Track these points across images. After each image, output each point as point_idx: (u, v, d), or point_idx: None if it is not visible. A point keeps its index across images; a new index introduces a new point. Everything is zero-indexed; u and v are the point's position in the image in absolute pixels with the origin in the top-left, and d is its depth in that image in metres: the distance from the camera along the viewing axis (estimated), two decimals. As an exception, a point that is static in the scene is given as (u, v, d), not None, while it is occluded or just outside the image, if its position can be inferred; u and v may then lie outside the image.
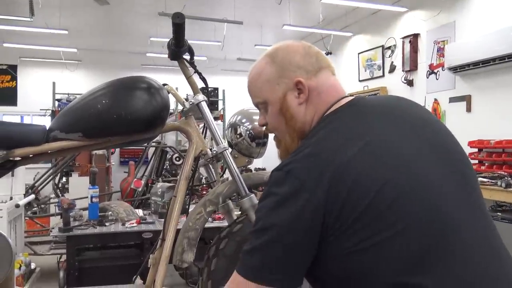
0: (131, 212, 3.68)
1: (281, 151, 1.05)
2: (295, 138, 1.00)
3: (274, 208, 0.85)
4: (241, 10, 6.91)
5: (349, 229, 0.81)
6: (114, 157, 9.03)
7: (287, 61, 1.00)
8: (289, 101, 0.99)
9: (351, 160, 0.83)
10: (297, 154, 0.88)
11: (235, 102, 9.39)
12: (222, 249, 1.50)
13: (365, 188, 0.81)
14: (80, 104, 1.43)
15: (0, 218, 3.04)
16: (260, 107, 1.06)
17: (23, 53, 8.88)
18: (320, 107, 0.98)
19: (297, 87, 0.98)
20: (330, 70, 1.03)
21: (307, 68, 0.99)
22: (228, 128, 1.68)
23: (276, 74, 1.00)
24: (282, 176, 0.86)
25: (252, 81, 1.06)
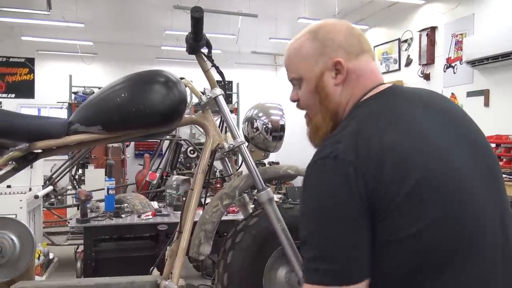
0: (147, 205, 3.72)
1: (310, 129, 1.04)
2: (327, 118, 0.99)
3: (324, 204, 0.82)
4: (256, 3, 6.88)
5: (391, 215, 0.79)
6: (129, 149, 9.14)
7: (329, 39, 0.97)
8: (325, 80, 0.97)
9: (394, 143, 0.82)
10: (338, 138, 0.86)
11: (249, 95, 9.43)
12: (238, 242, 1.51)
13: (407, 175, 0.79)
14: (99, 97, 1.45)
15: (20, 209, 3.10)
16: (294, 82, 1.04)
17: (40, 46, 9.00)
18: (357, 91, 0.96)
19: (336, 67, 0.96)
20: (371, 55, 1.01)
21: (349, 49, 0.96)
22: (245, 122, 1.69)
23: (316, 51, 0.97)
24: (330, 164, 0.82)
25: (290, 56, 1.03)
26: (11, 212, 3.06)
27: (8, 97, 9.53)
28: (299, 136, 5.11)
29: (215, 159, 1.62)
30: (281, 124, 1.63)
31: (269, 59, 11.16)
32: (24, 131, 1.35)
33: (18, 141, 1.33)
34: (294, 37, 1.05)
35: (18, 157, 1.35)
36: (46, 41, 8.46)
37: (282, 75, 11.47)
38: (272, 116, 1.65)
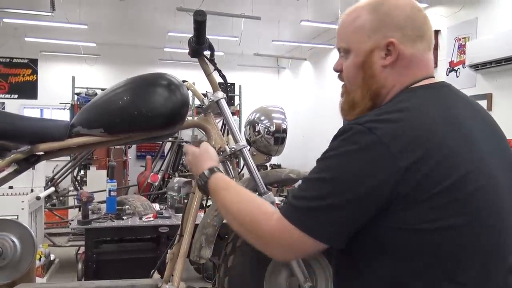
0: (148, 207, 3.72)
1: (345, 103, 0.98)
2: (366, 97, 0.93)
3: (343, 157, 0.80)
4: (259, 6, 6.88)
5: (422, 205, 0.78)
6: (131, 151, 9.15)
7: (390, 16, 0.90)
8: (374, 58, 0.91)
9: (444, 136, 0.81)
10: (382, 116, 0.83)
11: (252, 97, 9.43)
12: (239, 246, 1.50)
13: (453, 168, 0.79)
14: (102, 100, 1.45)
15: (22, 210, 3.11)
16: (341, 51, 0.98)
17: (44, 47, 9.01)
18: (404, 79, 0.91)
19: (387, 47, 0.90)
20: (429, 44, 0.94)
21: (407, 31, 0.90)
22: (247, 126, 1.68)
23: (372, 25, 0.91)
24: (363, 130, 0.80)
25: (344, 24, 0.97)
26: (13, 213, 3.08)
27: (11, 98, 9.55)
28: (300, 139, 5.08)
29: (216, 162, 1.61)
30: (283, 127, 1.63)
31: (272, 61, 11.17)
32: (26, 133, 1.35)
33: (20, 143, 1.34)
34: (352, 6, 0.98)
35: (20, 159, 1.35)
36: (50, 42, 8.48)
37: (285, 77, 11.50)
38: (274, 120, 1.64)
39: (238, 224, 0.94)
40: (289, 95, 10.86)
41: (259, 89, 10.74)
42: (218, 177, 1.07)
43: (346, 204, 0.79)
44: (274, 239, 0.85)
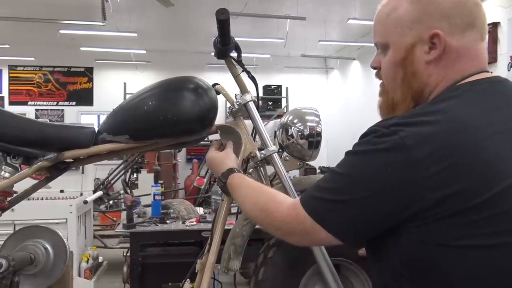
0: (192, 211, 3.72)
1: (384, 103, 0.90)
2: (408, 98, 0.84)
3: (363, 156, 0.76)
4: (304, 6, 6.77)
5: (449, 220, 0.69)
6: (181, 154, 9.32)
7: (434, 4, 0.80)
8: (416, 54, 0.81)
9: (485, 142, 0.71)
10: (412, 118, 0.75)
11: (299, 99, 9.31)
12: (271, 257, 1.42)
13: (490, 182, 0.69)
14: (127, 106, 1.42)
15: (70, 213, 3.21)
16: (378, 46, 0.89)
17: (98, 56, 9.43)
18: (452, 75, 0.80)
19: (432, 40, 0.79)
20: (481, 33, 0.82)
21: (455, 21, 0.79)
22: (279, 129, 1.60)
23: (413, 15, 0.81)
24: (387, 133, 0.74)
25: (381, 16, 0.87)
26: (62, 217, 3.18)
27: (70, 105, 10.07)
28: (350, 141, 4.87)
29: (248, 168, 1.54)
30: (317, 131, 1.53)
31: (320, 62, 10.98)
32: (53, 140, 1.35)
33: (47, 151, 1.33)
34: None
35: (47, 167, 1.34)
36: (103, 51, 8.85)
37: (333, 78, 11.26)
38: (308, 123, 1.54)
39: (254, 217, 0.97)
40: (338, 96, 10.62)
41: (307, 90, 10.59)
42: (236, 176, 1.11)
43: (357, 203, 0.75)
44: (288, 225, 0.85)
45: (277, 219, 0.88)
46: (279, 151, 1.51)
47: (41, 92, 9.96)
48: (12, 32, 8.16)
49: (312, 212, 0.80)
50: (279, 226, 0.88)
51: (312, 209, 0.80)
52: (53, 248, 1.53)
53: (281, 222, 0.87)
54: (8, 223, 2.88)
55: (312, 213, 0.80)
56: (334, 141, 9.89)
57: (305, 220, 0.80)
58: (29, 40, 8.79)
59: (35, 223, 2.11)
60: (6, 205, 1.36)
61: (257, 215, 0.95)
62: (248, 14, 6.48)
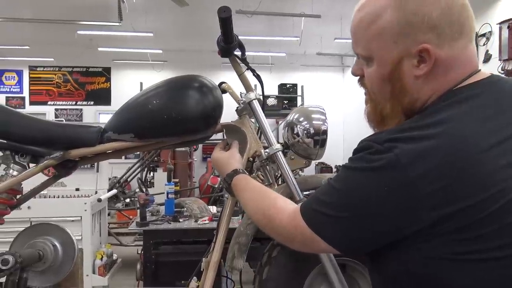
0: (204, 209, 3.74)
1: (371, 113, 0.85)
2: (398, 111, 0.79)
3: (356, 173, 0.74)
4: (319, 3, 6.71)
5: (451, 236, 0.67)
6: (197, 153, 9.37)
7: (420, 14, 0.72)
8: (404, 69, 0.75)
9: (485, 153, 0.67)
10: (406, 132, 0.71)
11: (315, 98, 9.25)
12: (275, 257, 1.41)
13: (493, 195, 0.65)
14: (132, 105, 1.43)
15: (85, 211, 3.25)
16: (360, 57, 0.83)
17: (115, 56, 9.55)
18: (444, 85, 0.75)
19: (420, 54, 0.73)
20: (470, 36, 0.76)
21: (443, 30, 0.72)
22: (285, 128, 1.58)
23: (398, 27, 0.74)
24: (381, 150, 0.70)
25: (361, 24, 0.79)
26: (77, 215, 3.23)
27: (88, 105, 10.24)
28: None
29: (253, 167, 1.54)
30: (323, 129, 1.51)
31: (336, 60, 10.88)
32: (59, 139, 1.37)
33: (53, 149, 1.35)
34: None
35: (54, 165, 1.36)
36: (120, 51, 8.96)
37: (350, 76, 11.13)
38: (313, 121, 1.53)
39: (256, 221, 0.97)
40: (354, 94, 10.51)
41: (323, 89, 10.51)
42: (241, 177, 1.11)
43: (351, 220, 0.74)
44: (288, 233, 0.85)
45: (278, 226, 0.88)
46: (284, 150, 1.50)
47: (60, 92, 10.16)
48: (32, 33, 8.33)
49: (310, 223, 0.79)
50: (281, 233, 0.88)
51: (310, 220, 0.80)
52: (62, 246, 1.55)
53: (281, 230, 0.87)
54: (25, 220, 2.93)
55: (310, 224, 0.79)
56: (351, 140, 9.79)
57: (305, 230, 0.80)
58: (49, 41, 8.96)
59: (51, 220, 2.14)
60: (15, 202, 1.38)
61: (259, 220, 0.95)
62: (263, 13, 6.46)
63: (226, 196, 3.95)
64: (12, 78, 10.12)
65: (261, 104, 1.46)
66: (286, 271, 1.41)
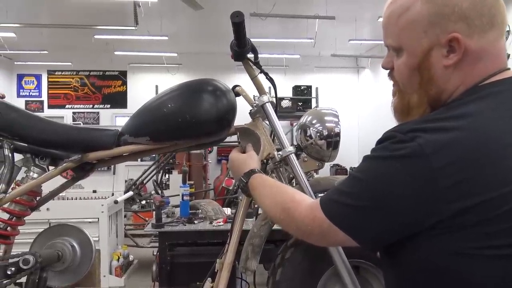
0: (219, 211, 3.76)
1: (399, 105, 0.87)
2: (424, 103, 0.80)
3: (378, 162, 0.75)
4: (333, 5, 6.71)
5: (469, 230, 0.67)
6: (212, 155, 9.43)
7: (450, 5, 0.74)
8: (433, 58, 0.76)
9: (508, 149, 0.67)
10: (430, 123, 0.72)
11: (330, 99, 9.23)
12: (288, 258, 1.42)
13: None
14: (147, 108, 1.46)
15: (102, 213, 3.31)
16: (390, 49, 0.84)
17: (131, 59, 9.69)
18: (471, 78, 0.76)
19: (450, 43, 0.74)
20: (501, 29, 0.76)
21: (474, 21, 0.73)
22: (298, 130, 1.59)
23: (428, 18, 0.75)
24: (404, 139, 0.71)
25: (391, 16, 0.81)
26: (94, 216, 3.29)
27: (104, 108, 10.40)
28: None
29: (267, 169, 1.55)
30: (336, 131, 1.52)
31: (351, 61, 10.84)
32: (77, 142, 1.40)
33: (71, 152, 1.39)
34: None
35: (72, 168, 1.40)
36: (136, 54, 9.08)
37: (365, 78, 11.08)
38: (326, 123, 1.54)
39: (274, 217, 0.96)
40: (369, 95, 10.45)
41: (338, 90, 10.48)
42: (257, 177, 1.11)
43: (374, 210, 0.74)
44: (306, 226, 0.85)
45: (296, 219, 0.88)
46: (297, 152, 1.51)
47: (78, 95, 10.34)
48: (50, 38, 8.51)
49: (330, 215, 0.79)
50: (298, 227, 0.88)
51: (330, 212, 0.79)
52: (80, 246, 1.59)
53: (300, 223, 0.87)
54: (44, 221, 3.00)
55: (330, 215, 0.79)
56: (366, 141, 9.73)
57: (323, 222, 0.80)
58: (66, 45, 9.14)
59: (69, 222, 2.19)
60: (35, 204, 1.43)
61: (276, 215, 0.95)
62: (277, 15, 6.48)
63: (241, 198, 3.98)
64: (31, 83, 10.35)
65: (274, 107, 1.48)
66: (299, 272, 1.41)
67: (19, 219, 1.42)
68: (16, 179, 1.44)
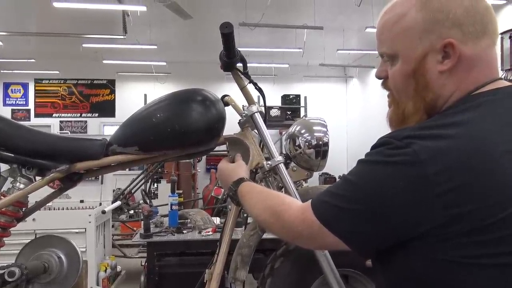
0: (208, 221, 3.75)
1: (394, 115, 0.86)
2: (420, 110, 0.80)
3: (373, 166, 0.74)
4: (322, 15, 6.78)
5: (461, 239, 0.67)
6: (201, 164, 9.39)
7: (444, 12, 0.75)
8: (428, 64, 0.77)
9: (502, 157, 0.67)
10: (425, 130, 0.72)
11: (319, 109, 9.29)
12: (278, 268, 1.42)
13: (506, 201, 0.66)
14: (136, 118, 1.45)
15: (89, 223, 3.27)
16: (384, 57, 0.85)
17: (120, 68, 9.66)
18: (465, 85, 0.77)
19: (445, 49, 0.76)
20: (493, 38, 0.79)
21: (467, 28, 0.75)
22: (286, 140, 1.60)
23: (423, 24, 0.77)
24: (400, 145, 0.71)
25: (386, 24, 0.82)
26: (81, 227, 3.25)
27: (92, 116, 10.32)
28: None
29: (256, 179, 1.55)
30: (324, 141, 1.53)
31: (339, 71, 10.94)
32: (65, 152, 1.39)
33: (60, 163, 1.38)
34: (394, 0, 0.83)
35: (59, 178, 1.39)
36: (124, 63, 9.06)
37: (353, 87, 11.19)
38: (315, 133, 1.55)
39: (263, 221, 0.96)
40: (357, 104, 10.55)
41: (326, 99, 10.56)
42: (245, 184, 1.12)
43: (365, 214, 0.73)
44: (296, 228, 0.84)
45: (286, 221, 0.87)
46: (286, 162, 1.51)
47: (65, 104, 10.25)
48: (37, 46, 8.45)
49: (321, 216, 0.78)
50: (288, 229, 0.87)
51: (320, 213, 0.79)
52: (67, 257, 1.57)
53: (289, 224, 0.86)
54: (30, 232, 2.95)
55: (321, 217, 0.78)
56: (355, 150, 9.79)
57: (313, 223, 0.79)
58: (54, 54, 9.08)
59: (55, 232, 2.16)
60: (21, 215, 1.40)
61: (266, 220, 0.94)
62: (266, 25, 6.53)
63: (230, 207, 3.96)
64: (18, 91, 10.23)
65: (263, 117, 1.48)
66: (288, 282, 1.41)
67: (4, 231, 1.40)
68: (2, 189, 1.42)
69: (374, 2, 6.31)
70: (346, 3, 6.44)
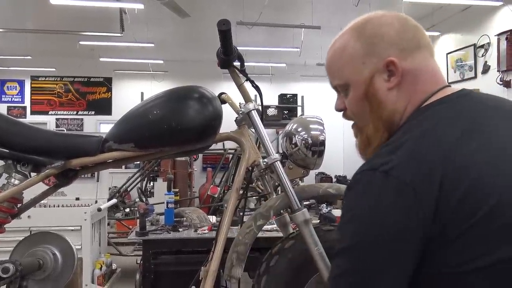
0: (204, 219, 3.74)
1: (360, 141, 0.90)
2: (380, 128, 0.84)
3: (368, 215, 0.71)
4: (319, 15, 6.79)
5: (451, 246, 0.67)
6: (197, 163, 9.39)
7: (378, 35, 0.82)
8: (377, 84, 0.82)
9: (470, 157, 0.69)
10: (393, 149, 0.73)
11: (316, 108, 9.28)
12: (273, 266, 1.42)
13: (483, 196, 0.66)
14: (133, 114, 1.45)
15: (85, 221, 3.26)
16: (339, 89, 0.90)
17: (117, 66, 9.62)
18: (416, 96, 0.81)
19: (388, 68, 0.81)
20: (429, 50, 0.85)
21: (402, 45, 0.82)
22: (283, 138, 1.60)
23: (362, 51, 0.83)
24: (380, 178, 0.70)
25: (332, 59, 0.89)
26: (77, 224, 3.24)
27: (89, 114, 10.28)
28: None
29: (252, 176, 1.56)
30: (321, 139, 1.53)
31: (336, 70, 10.93)
32: (60, 149, 1.39)
33: (54, 159, 1.37)
34: (334, 38, 0.90)
35: (55, 175, 1.38)
36: (121, 61, 9.03)
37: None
38: (311, 131, 1.55)
39: None
40: (354, 104, 10.55)
41: (323, 99, 10.54)
42: None
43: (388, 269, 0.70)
44: None
45: None
46: (282, 160, 1.51)
47: (61, 101, 10.21)
48: (34, 44, 8.40)
49: None
50: None
51: None
52: (62, 254, 1.56)
53: None
54: (25, 229, 2.94)
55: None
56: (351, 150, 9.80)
57: None
58: (50, 51, 9.04)
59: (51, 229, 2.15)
60: (16, 211, 1.40)
61: None
62: (263, 24, 6.53)
63: (225, 206, 3.96)
64: (14, 88, 10.18)
65: (260, 115, 1.49)
66: (284, 280, 1.41)
67: (-1, 227, 1.40)
68: (-3, 185, 1.42)
69: (371, 2, 6.33)
70: (343, 2, 6.45)
